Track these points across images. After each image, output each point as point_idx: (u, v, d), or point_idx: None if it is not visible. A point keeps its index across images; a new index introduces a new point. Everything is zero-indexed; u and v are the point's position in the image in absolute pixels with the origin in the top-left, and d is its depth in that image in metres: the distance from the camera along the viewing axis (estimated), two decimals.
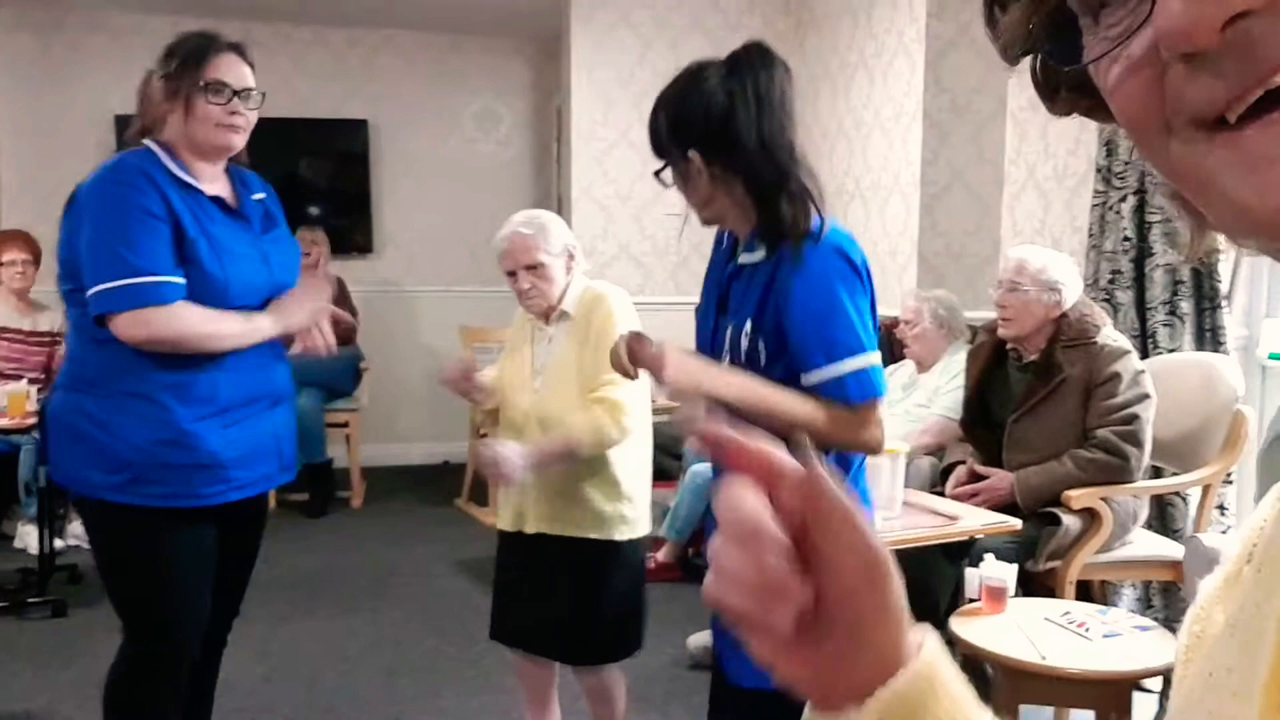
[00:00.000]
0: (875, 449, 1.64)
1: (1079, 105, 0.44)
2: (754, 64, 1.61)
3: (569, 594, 2.34)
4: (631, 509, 2.35)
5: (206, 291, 1.97)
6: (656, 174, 1.70)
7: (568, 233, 2.38)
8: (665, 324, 3.42)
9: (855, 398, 1.57)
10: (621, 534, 2.35)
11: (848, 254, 1.60)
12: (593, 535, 2.32)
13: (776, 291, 1.60)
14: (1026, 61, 0.45)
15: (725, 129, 1.60)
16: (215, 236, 2.00)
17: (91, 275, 1.93)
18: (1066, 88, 0.44)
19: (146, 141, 2.03)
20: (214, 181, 2.07)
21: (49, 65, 5.53)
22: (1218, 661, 0.43)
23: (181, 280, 1.94)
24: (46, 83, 5.50)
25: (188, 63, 2.00)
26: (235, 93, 2.03)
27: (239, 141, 2.07)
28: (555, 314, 2.35)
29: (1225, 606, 0.45)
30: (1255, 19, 0.34)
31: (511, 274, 2.33)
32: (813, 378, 1.58)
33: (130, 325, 1.91)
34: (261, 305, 2.08)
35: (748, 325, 1.63)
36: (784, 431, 1.60)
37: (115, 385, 1.97)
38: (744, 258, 1.67)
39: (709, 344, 1.73)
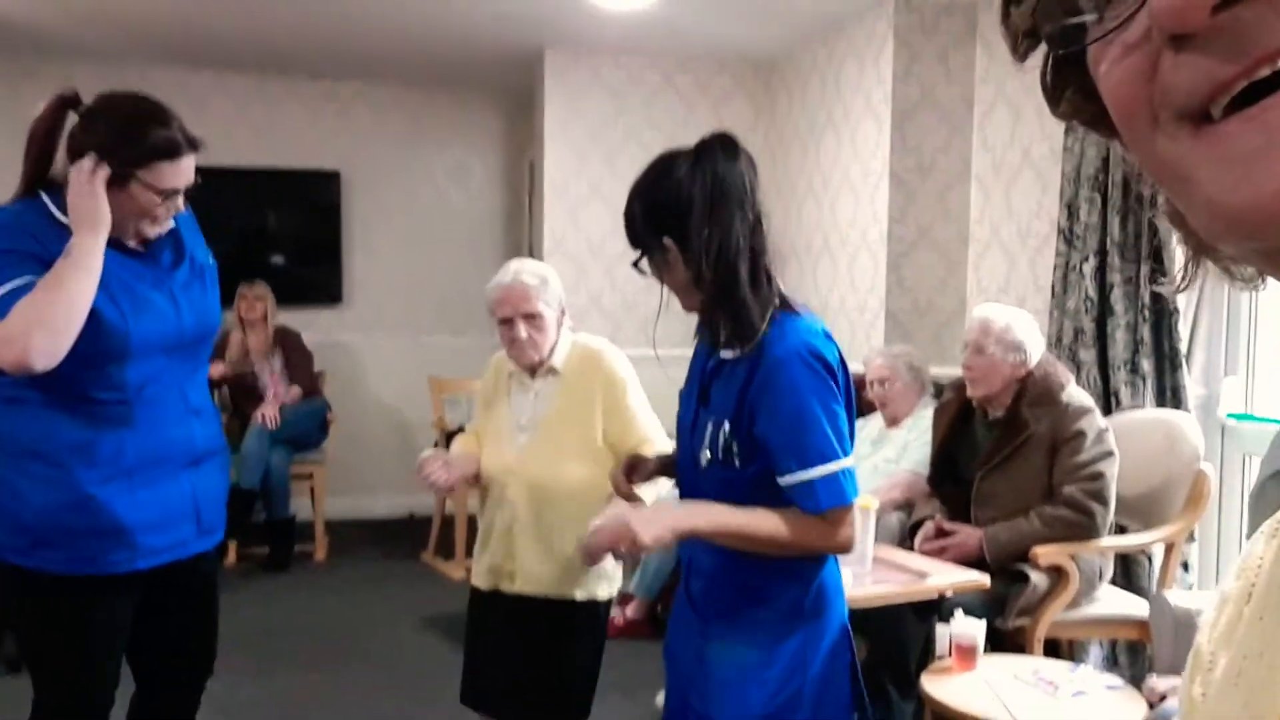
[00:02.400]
0: (847, 550, 1.65)
1: (1082, 111, 0.45)
2: (714, 156, 1.62)
3: (547, 656, 2.31)
4: (613, 566, 2.34)
5: (105, 343, 1.82)
6: (635, 264, 1.70)
7: (560, 288, 2.36)
8: (637, 376, 3.43)
9: (825, 504, 1.58)
10: (603, 592, 2.34)
11: (822, 355, 1.60)
12: (577, 595, 2.30)
13: (751, 394, 1.60)
14: (990, 125, 0.47)
15: (685, 219, 1.61)
16: (111, 280, 1.83)
17: None
18: (1072, 90, 0.45)
19: (45, 198, 1.87)
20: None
21: (17, 114, 5.49)
22: (1223, 711, 0.43)
23: (23, 280, 1.75)
24: (15, 133, 5.47)
25: (148, 159, 1.85)
26: (175, 191, 1.91)
27: (155, 232, 1.93)
28: (543, 369, 2.33)
29: (1229, 650, 0.44)
30: (1246, 6, 0.35)
31: (506, 321, 2.27)
32: (785, 480, 1.59)
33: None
34: (171, 355, 1.94)
35: (726, 425, 1.63)
36: (756, 548, 1.61)
37: (20, 444, 1.86)
38: (724, 353, 1.67)
39: (689, 432, 1.73)
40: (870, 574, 2.57)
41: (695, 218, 1.60)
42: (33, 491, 1.86)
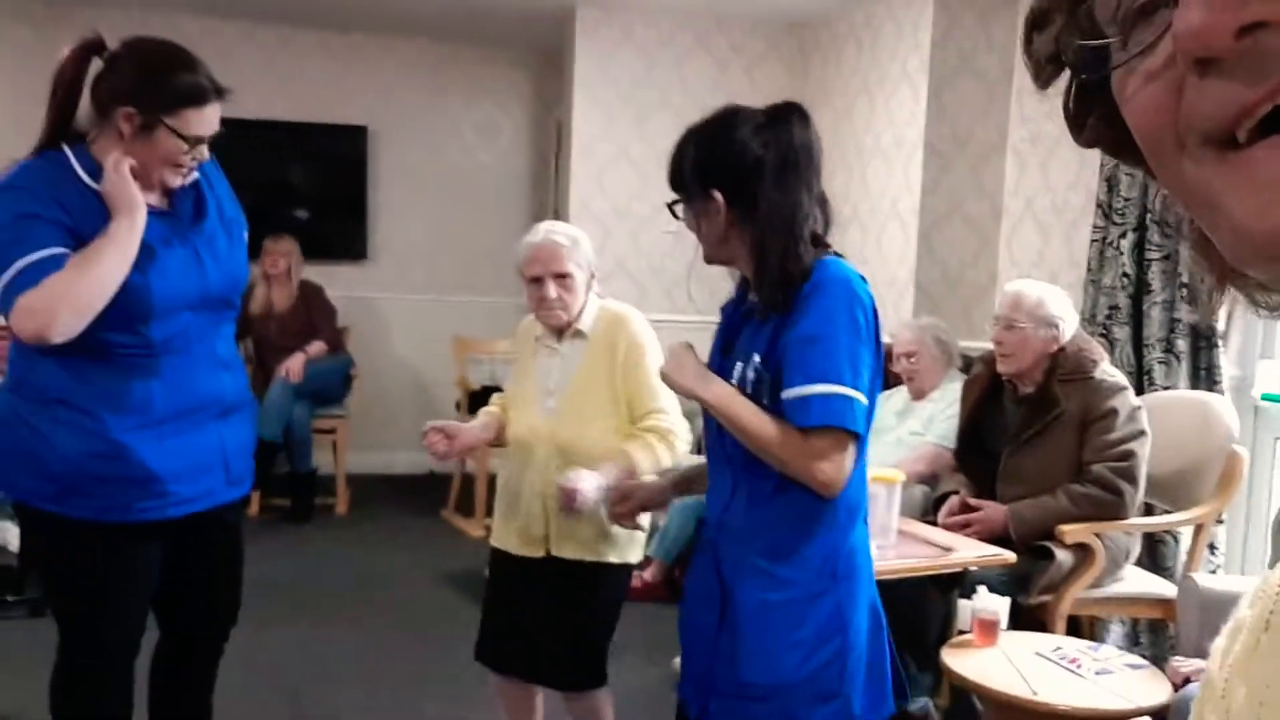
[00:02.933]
0: (825, 486, 1.58)
1: (1105, 137, 0.45)
2: (788, 124, 1.62)
3: (571, 619, 2.31)
4: (643, 530, 2.34)
5: (127, 303, 1.82)
6: (670, 205, 1.69)
7: (591, 251, 2.35)
8: (661, 340, 3.41)
9: (815, 418, 1.55)
10: (634, 555, 2.34)
11: (855, 293, 1.60)
12: (612, 559, 2.29)
13: (788, 323, 1.59)
14: (1029, 96, 0.45)
15: (756, 178, 1.60)
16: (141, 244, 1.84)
17: None
18: (1095, 117, 0.44)
19: (67, 151, 1.87)
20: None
21: (48, 59, 5.48)
22: None
23: (55, 251, 1.76)
24: (44, 77, 5.46)
25: (174, 105, 1.84)
26: (201, 140, 1.90)
27: (179, 181, 1.93)
28: (569, 331, 2.31)
29: (1247, 681, 0.43)
30: (1270, 31, 0.35)
31: (536, 280, 2.26)
32: (785, 394, 1.58)
33: (20, 323, 1.75)
34: (197, 311, 1.94)
35: (756, 359, 1.62)
36: (741, 439, 1.62)
37: (48, 392, 1.86)
38: (754, 297, 1.67)
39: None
40: (894, 547, 2.55)
41: (765, 181, 1.59)
42: (62, 439, 1.86)
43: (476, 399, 5.12)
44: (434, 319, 6.09)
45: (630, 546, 2.32)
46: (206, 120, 1.89)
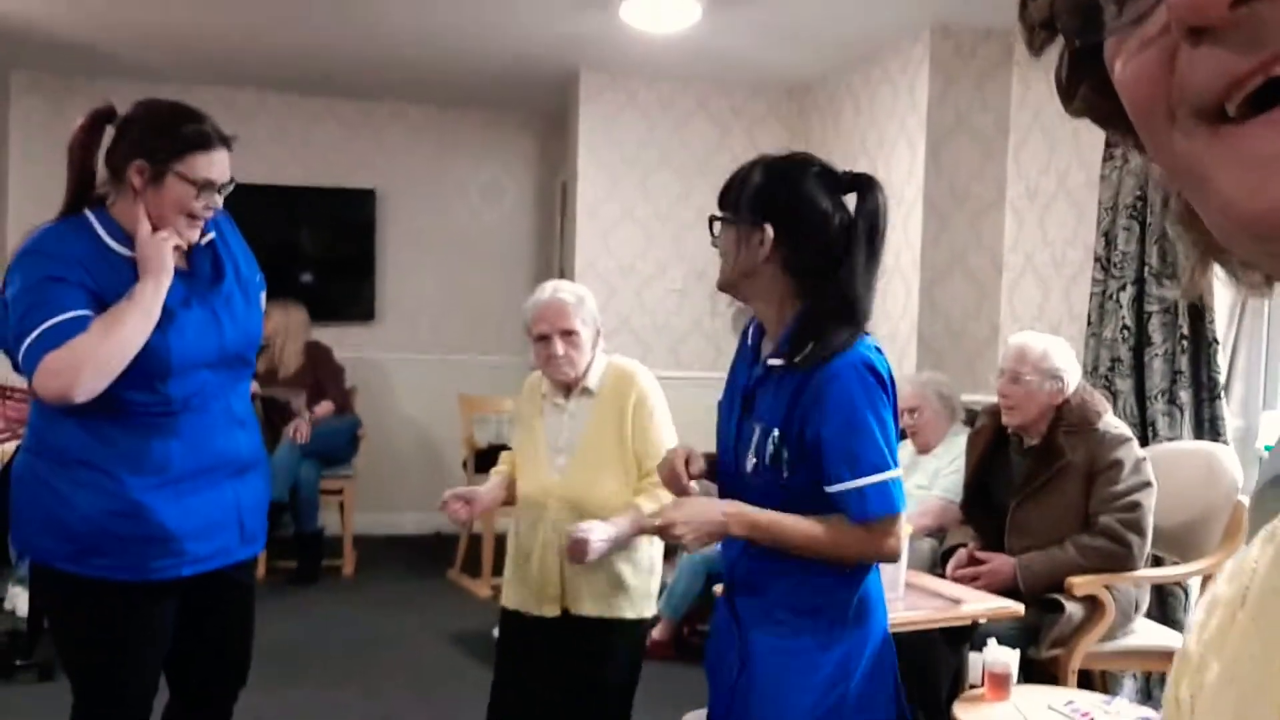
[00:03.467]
0: (895, 558, 1.70)
1: (1096, 107, 0.45)
2: (876, 194, 1.65)
3: (587, 675, 2.31)
4: (655, 583, 2.35)
5: (147, 362, 1.85)
6: (712, 218, 1.71)
7: (595, 309, 2.39)
8: (666, 397, 3.43)
9: (875, 512, 1.60)
10: (649, 610, 2.34)
11: (875, 367, 1.63)
12: (627, 615, 2.30)
13: (804, 402, 1.61)
14: (1025, 152, 0.47)
15: (815, 232, 1.63)
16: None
17: (13, 341, 1.83)
18: (1087, 86, 0.44)
19: (89, 215, 1.92)
20: None
21: (62, 131, 5.58)
22: (1214, 716, 0.42)
23: (79, 313, 1.80)
24: (59, 148, 5.57)
25: (181, 151, 1.89)
26: (219, 188, 1.94)
27: (197, 235, 1.96)
28: (577, 389, 2.34)
29: (1220, 656, 0.43)
30: (1265, 1, 0.35)
31: (543, 338, 2.29)
32: (835, 488, 1.61)
33: (43, 383, 1.78)
34: (214, 369, 1.98)
35: (775, 433, 1.63)
36: (796, 552, 1.63)
37: (69, 453, 1.89)
38: (773, 362, 1.68)
39: (732, 443, 1.73)
40: (902, 599, 2.55)
41: (839, 243, 1.62)
42: (82, 498, 1.88)
43: (483, 457, 5.14)
44: (440, 378, 6.13)
45: (645, 601, 2.32)
46: (214, 165, 1.93)
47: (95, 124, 1.95)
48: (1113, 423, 2.98)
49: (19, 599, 4.20)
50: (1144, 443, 3.25)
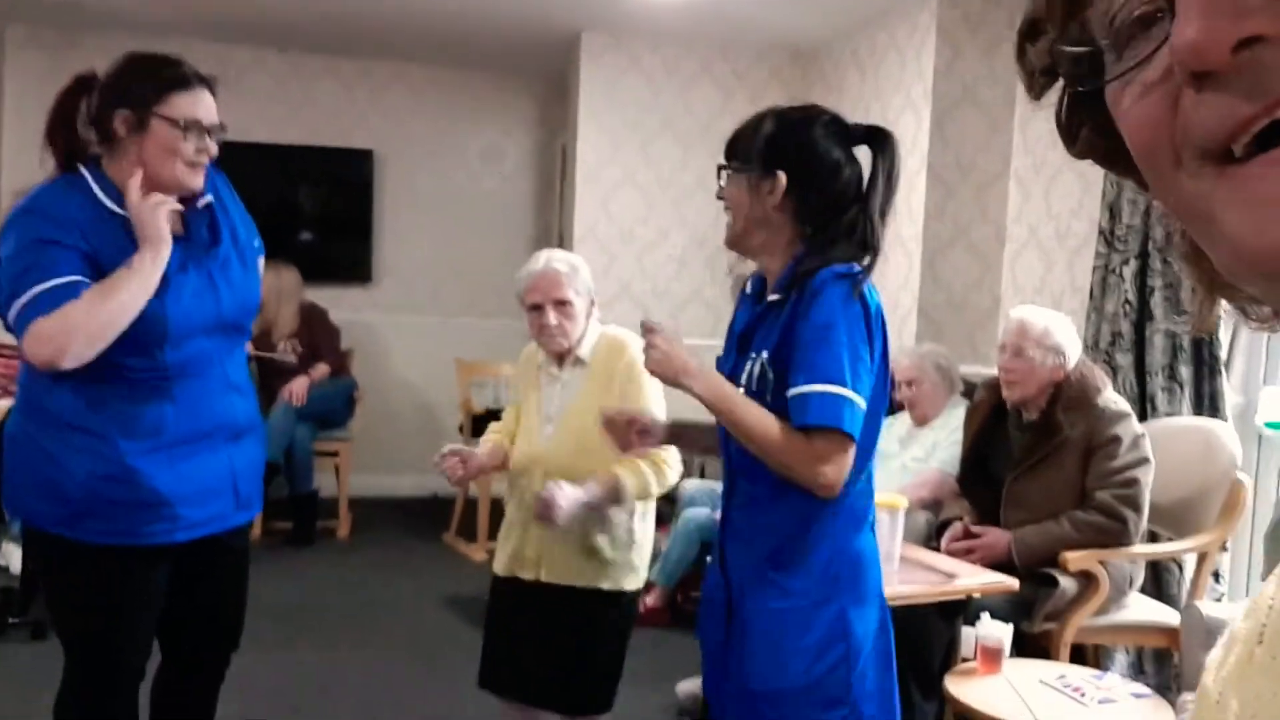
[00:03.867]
0: (826, 487, 1.58)
1: (1099, 148, 0.45)
2: (895, 151, 1.64)
3: (572, 644, 2.30)
4: (639, 556, 2.33)
5: (143, 329, 1.83)
6: (720, 167, 1.69)
7: (590, 278, 2.37)
8: None
9: (813, 418, 1.55)
10: (630, 583, 2.33)
11: (865, 297, 1.61)
12: (604, 586, 2.29)
13: (795, 323, 1.60)
14: (1032, 125, 0.45)
15: (826, 181, 1.62)
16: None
17: (3, 311, 1.81)
18: (1089, 128, 0.45)
19: (84, 172, 1.89)
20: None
21: (58, 84, 5.54)
22: None
23: (73, 279, 1.77)
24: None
25: (160, 93, 1.86)
26: (206, 130, 1.89)
27: (200, 180, 1.92)
28: (570, 358, 2.32)
29: (1239, 694, 0.44)
30: (1268, 46, 0.35)
31: (536, 308, 2.28)
32: (788, 393, 1.58)
33: (33, 349, 1.77)
34: (210, 335, 1.96)
35: (764, 355, 1.63)
36: (744, 438, 1.61)
37: (61, 417, 1.87)
38: (772, 297, 1.67)
39: (730, 379, 1.71)
40: (897, 573, 2.54)
41: (874, 193, 1.62)
42: (75, 463, 1.87)
43: (479, 422, 5.12)
44: (438, 342, 6.11)
45: (626, 574, 2.31)
46: (197, 104, 1.89)
47: (77, 88, 1.92)
48: (1112, 398, 2.97)
49: (12, 557, 4.21)
50: (1143, 418, 3.23)
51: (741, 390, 1.64)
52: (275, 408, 4.98)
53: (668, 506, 4.28)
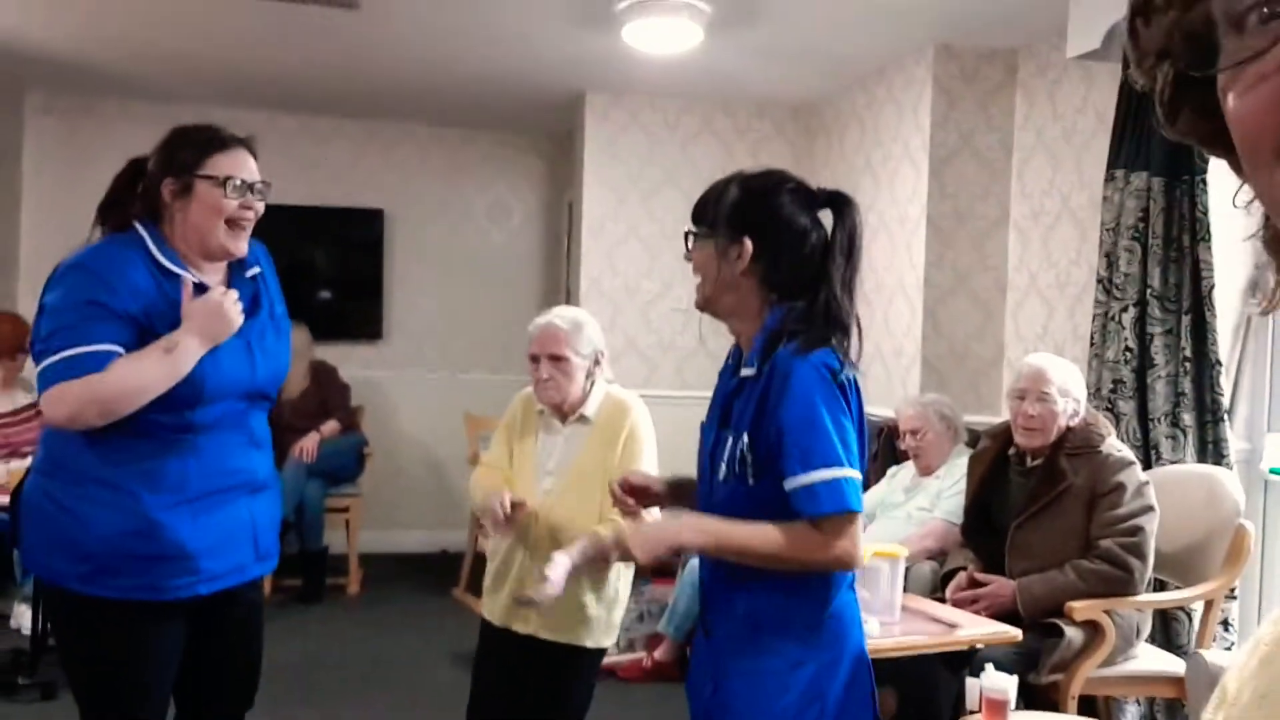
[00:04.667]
0: (849, 565, 1.62)
1: (1198, 130, 0.47)
2: (853, 211, 1.67)
3: (552, 695, 2.33)
4: (619, 614, 2.36)
5: (181, 391, 1.87)
6: (687, 234, 1.72)
7: (600, 339, 2.39)
8: (670, 416, 3.44)
9: (825, 507, 1.57)
10: (607, 639, 2.35)
11: (834, 369, 1.62)
12: (587, 643, 2.31)
13: (769, 405, 1.62)
14: (1029, 172, 0.49)
15: (793, 248, 1.64)
16: None
17: (36, 353, 1.86)
18: (1192, 110, 0.46)
19: (141, 231, 1.94)
20: (209, 273, 1.99)
21: (75, 150, 5.68)
22: None
23: (106, 348, 1.82)
24: (72, 167, 5.64)
25: (200, 157, 1.93)
26: (249, 186, 1.97)
27: (244, 244, 1.99)
28: (574, 416, 2.36)
29: (1257, 684, 0.44)
30: None
31: (535, 359, 2.34)
32: (789, 484, 1.59)
33: (50, 408, 1.82)
34: (243, 402, 2.00)
35: (744, 439, 1.64)
36: (755, 562, 1.62)
37: (84, 472, 1.89)
38: (744, 371, 1.69)
39: (709, 457, 1.74)
40: (899, 624, 2.54)
41: (815, 258, 1.64)
42: (98, 518, 1.88)
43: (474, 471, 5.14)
44: (447, 397, 6.15)
45: (606, 632, 2.34)
46: (236, 163, 1.96)
47: (132, 171, 2.00)
48: (1115, 445, 2.97)
49: (24, 617, 4.23)
50: (1147, 465, 3.23)
51: (724, 470, 1.66)
52: (286, 464, 5.02)
53: (672, 558, 4.28)
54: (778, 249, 1.64)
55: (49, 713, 3.57)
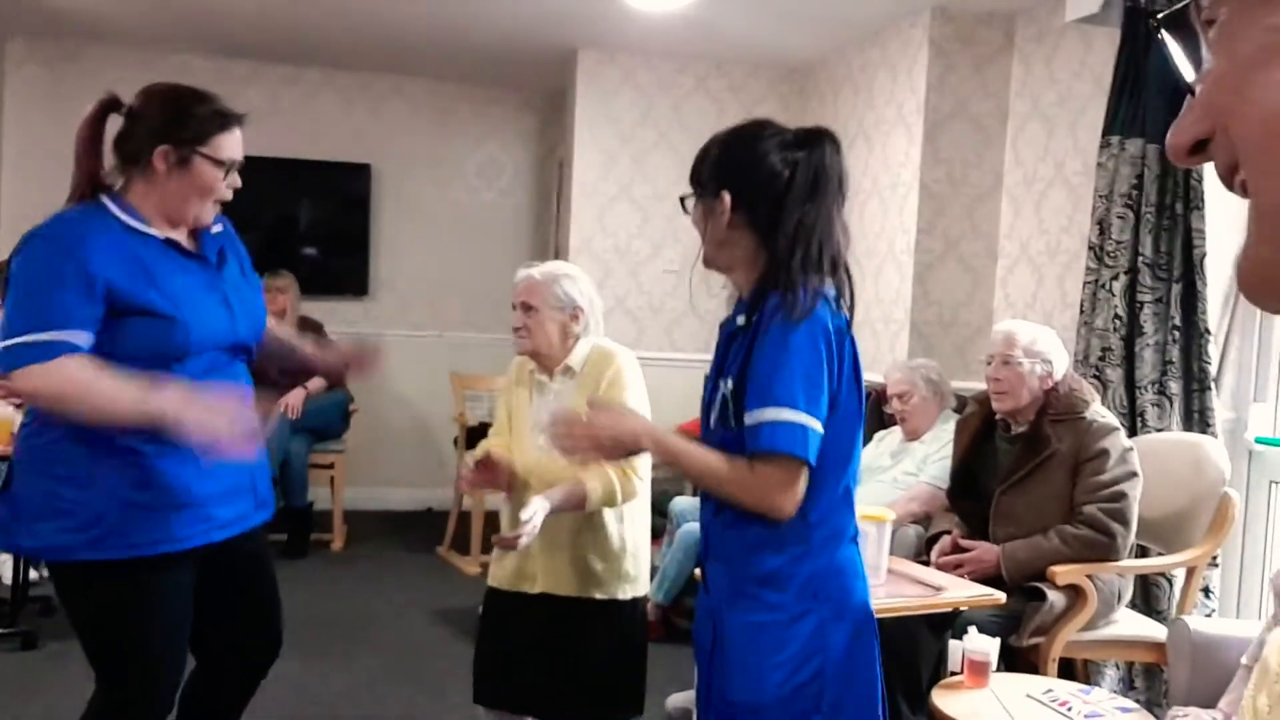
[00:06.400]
0: (777, 514, 1.59)
1: None
2: (820, 147, 1.66)
3: (569, 654, 2.32)
4: (634, 565, 2.34)
5: (167, 337, 1.89)
6: (682, 198, 1.76)
7: (583, 294, 2.38)
8: (659, 379, 3.42)
9: (768, 445, 1.55)
10: (625, 592, 2.33)
11: (824, 320, 1.61)
12: (597, 595, 2.30)
13: (756, 346, 1.62)
14: (1023, 139, 0.48)
15: (766, 190, 1.64)
16: (168, 282, 1.91)
17: (5, 329, 1.84)
18: None
19: (105, 199, 1.93)
20: (171, 232, 1.99)
21: (59, 98, 5.57)
22: None
23: (81, 336, 1.82)
24: (55, 116, 5.54)
25: (205, 134, 1.93)
26: (234, 163, 1.99)
27: (212, 214, 2.01)
28: (560, 368, 2.35)
29: None
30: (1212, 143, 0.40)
31: (514, 308, 2.37)
32: (746, 420, 1.59)
33: (19, 382, 1.83)
34: (229, 350, 2.02)
35: (729, 382, 1.64)
36: (695, 483, 1.63)
37: (81, 434, 1.87)
38: (739, 320, 1.70)
39: (707, 406, 1.73)
40: (884, 586, 2.55)
41: (790, 197, 1.63)
42: (103, 476, 1.88)
43: (474, 435, 5.13)
44: (433, 355, 6.12)
45: (618, 583, 2.32)
46: (235, 144, 1.98)
47: (101, 114, 1.96)
48: (1100, 412, 2.98)
49: (3, 566, 4.21)
50: (1132, 433, 3.24)
51: (715, 415, 1.66)
52: (269, 420, 4.99)
53: (660, 522, 4.28)
54: (753, 194, 1.65)
55: (30, 662, 3.56)
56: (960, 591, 2.63)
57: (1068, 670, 2.95)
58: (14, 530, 1.96)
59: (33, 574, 4.10)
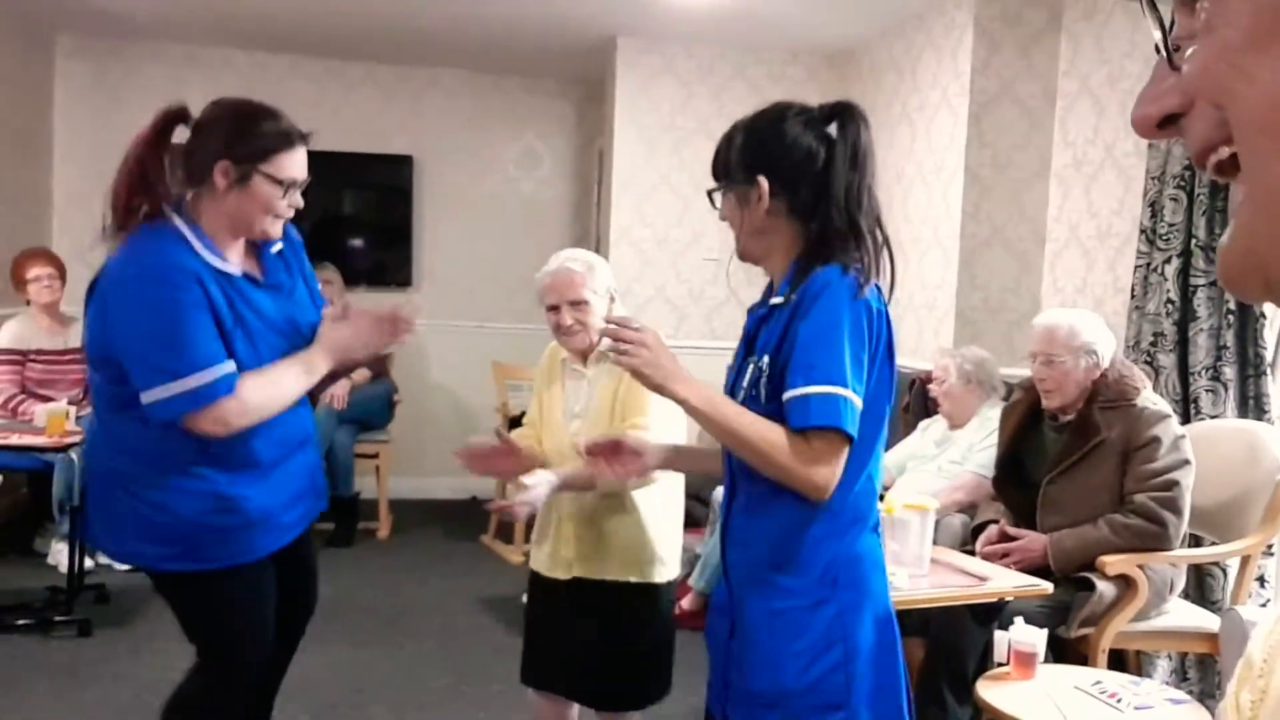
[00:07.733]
0: (819, 489, 1.56)
1: None
2: (855, 121, 1.63)
3: (603, 638, 2.32)
4: (665, 549, 2.33)
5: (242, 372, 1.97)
6: (710, 193, 1.71)
7: (610, 276, 2.38)
8: (699, 368, 3.39)
9: (814, 419, 1.53)
10: (659, 575, 2.33)
11: (870, 300, 1.60)
12: (631, 579, 2.30)
13: (795, 323, 1.59)
14: (1069, 128, 0.47)
15: (806, 170, 1.62)
16: (249, 320, 1.96)
17: (142, 380, 1.86)
18: None
19: (178, 222, 1.92)
20: (240, 254, 2.02)
21: (105, 92, 5.67)
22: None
23: (229, 365, 1.89)
24: (102, 110, 5.64)
25: (266, 152, 1.94)
26: (295, 183, 2.00)
27: (280, 230, 2.03)
28: (594, 355, 2.34)
29: None
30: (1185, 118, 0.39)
31: (553, 309, 2.29)
32: (787, 396, 1.57)
33: (207, 424, 1.88)
34: None
35: (765, 359, 1.62)
36: (734, 447, 1.59)
37: (155, 462, 1.96)
38: (774, 300, 1.67)
39: (731, 386, 1.72)
40: (929, 576, 2.52)
41: (834, 170, 1.60)
42: (179, 504, 1.97)
43: (516, 424, 5.14)
44: (475, 345, 6.15)
45: (651, 566, 2.31)
46: (297, 164, 1.99)
47: (166, 124, 1.95)
48: (1151, 398, 2.91)
49: (60, 555, 4.30)
50: (1186, 419, 3.17)
51: (743, 393, 1.64)
52: (316, 411, 5.05)
53: (702, 508, 4.27)
54: (792, 177, 1.62)
55: (84, 650, 3.64)
56: (1006, 581, 2.59)
57: (1119, 661, 2.90)
58: (103, 540, 2.13)
59: (89, 563, 4.18)
